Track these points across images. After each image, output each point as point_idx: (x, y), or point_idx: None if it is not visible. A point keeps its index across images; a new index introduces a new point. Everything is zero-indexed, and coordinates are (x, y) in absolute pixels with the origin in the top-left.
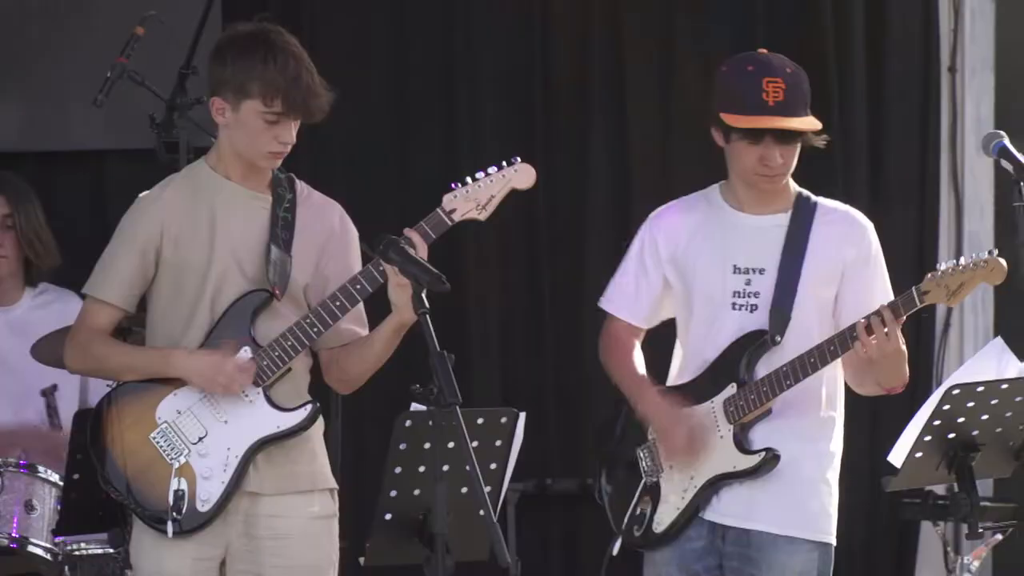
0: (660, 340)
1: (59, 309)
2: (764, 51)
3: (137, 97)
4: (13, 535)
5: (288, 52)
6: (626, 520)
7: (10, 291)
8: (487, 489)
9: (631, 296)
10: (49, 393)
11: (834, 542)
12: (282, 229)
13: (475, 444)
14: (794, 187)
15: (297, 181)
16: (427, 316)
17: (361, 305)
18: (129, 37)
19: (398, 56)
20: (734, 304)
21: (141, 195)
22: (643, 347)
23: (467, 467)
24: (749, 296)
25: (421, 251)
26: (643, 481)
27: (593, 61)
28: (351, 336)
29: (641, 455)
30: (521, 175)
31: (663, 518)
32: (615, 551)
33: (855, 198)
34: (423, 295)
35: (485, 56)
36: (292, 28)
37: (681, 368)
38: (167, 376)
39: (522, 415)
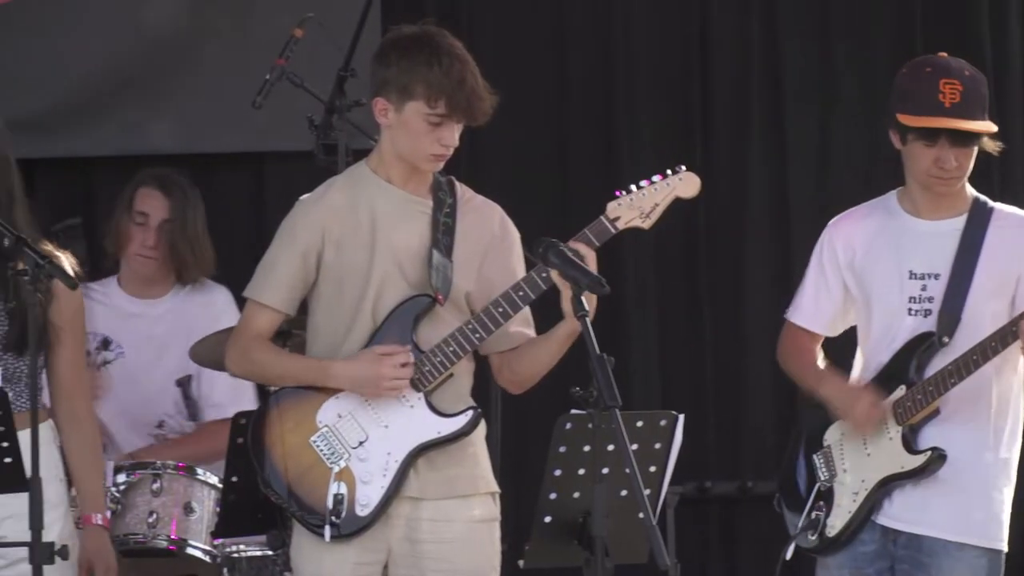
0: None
1: (204, 301)
2: (944, 55)
3: (296, 99)
4: (172, 537)
5: (453, 54)
6: (800, 525)
7: (156, 286)
8: (646, 492)
9: (811, 302)
10: (185, 383)
11: (1005, 548)
12: (443, 234)
13: (634, 447)
14: (971, 192)
15: (457, 184)
16: (587, 319)
17: (528, 309)
18: (288, 39)
19: (556, 60)
20: (910, 310)
21: (302, 198)
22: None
23: (626, 470)
24: (924, 301)
25: (590, 261)
26: (817, 486)
27: (752, 66)
28: (521, 339)
29: (816, 462)
30: (685, 184)
31: (836, 522)
32: (788, 556)
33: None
34: (583, 298)
35: (643, 61)
36: (451, 31)
37: (861, 374)
38: (326, 386)
39: (681, 418)
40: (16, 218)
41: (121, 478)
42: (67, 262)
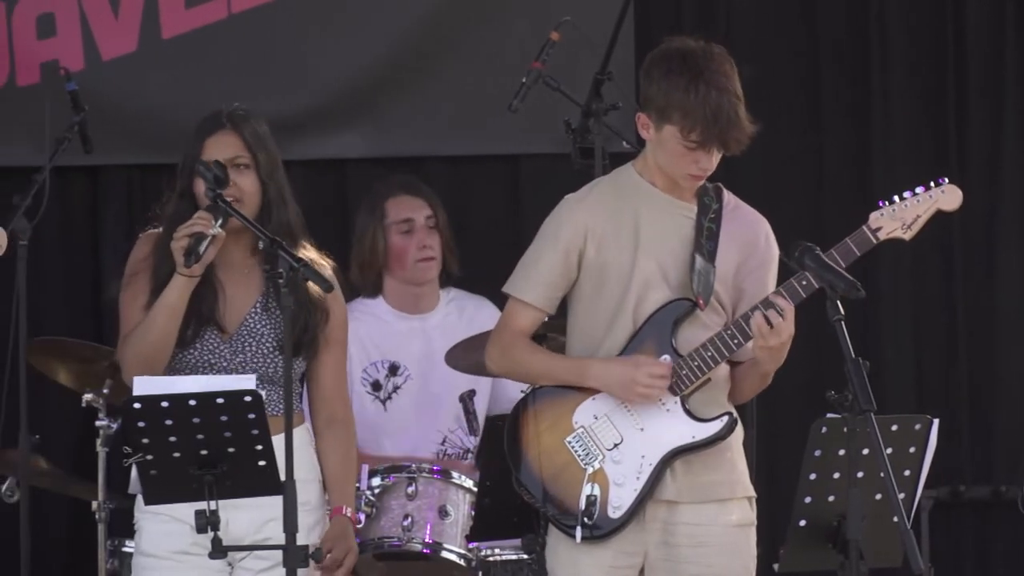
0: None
1: (471, 316)
2: None
3: (552, 102)
4: (427, 540)
5: (712, 82)
6: None
7: (430, 296)
8: (901, 495)
9: None
10: (467, 398)
11: None
12: (707, 239)
13: (889, 451)
14: None
15: (724, 191)
16: (842, 323)
17: None
18: (544, 43)
19: (811, 62)
20: None
21: (566, 197)
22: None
23: (881, 474)
24: None
25: (788, 315)
26: None
27: (1006, 72)
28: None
29: None
30: (948, 196)
31: None
32: None
33: None
34: (838, 302)
35: (898, 69)
36: (707, 33)
37: None
38: (584, 386)
39: (935, 422)
40: (288, 220)
41: (376, 481)
42: (327, 265)
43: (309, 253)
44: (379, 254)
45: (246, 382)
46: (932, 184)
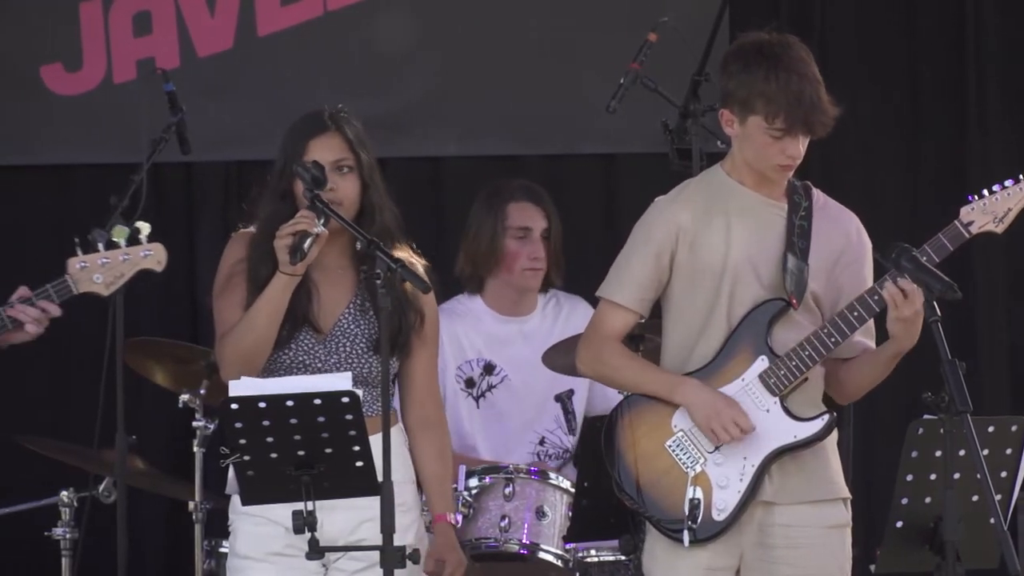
0: None
1: (566, 315)
2: None
3: (650, 103)
4: (524, 541)
5: (792, 68)
6: None
7: (529, 299)
8: (997, 497)
9: None
10: (566, 398)
11: None
12: (799, 237)
13: (985, 452)
14: None
15: (813, 189)
16: (938, 324)
17: (872, 319)
18: (642, 43)
19: (909, 62)
20: None
21: (657, 199)
22: None
23: (978, 475)
24: None
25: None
26: None
27: None
28: (861, 348)
29: None
30: None
31: None
32: None
33: None
34: (934, 303)
35: (993, 65)
36: (803, 34)
37: None
38: (671, 401)
39: None
40: (386, 220)
41: (473, 482)
42: (421, 267)
43: (404, 253)
44: (493, 254)
45: (341, 381)
46: (1022, 176)
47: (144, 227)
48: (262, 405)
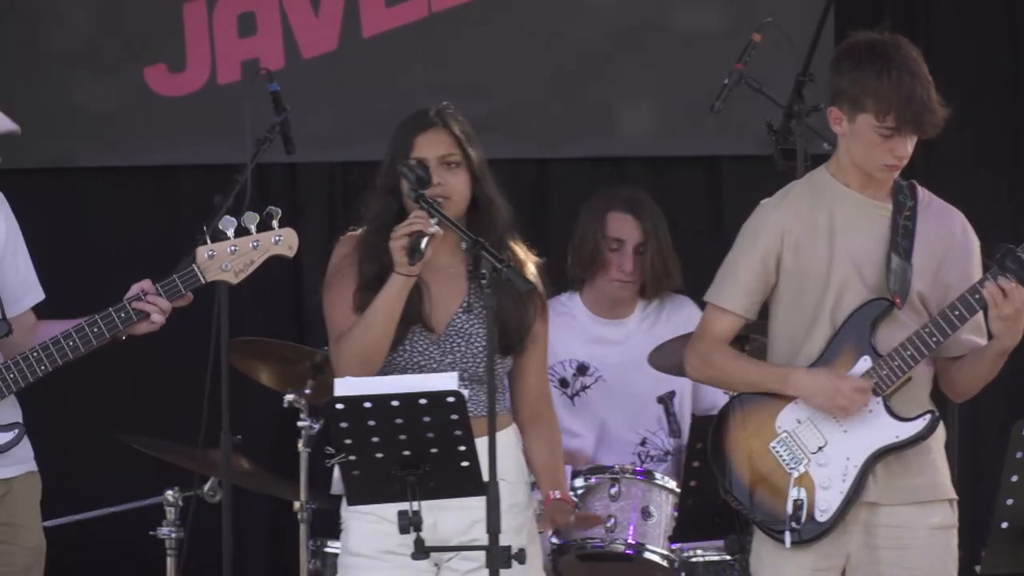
0: None
1: (668, 314)
2: None
3: (755, 104)
4: (630, 541)
5: (904, 67)
6: None
7: (627, 303)
8: None
9: None
10: (667, 400)
11: None
12: (902, 237)
13: None
14: None
15: (919, 188)
16: None
17: (980, 315)
18: (747, 44)
19: (1013, 62)
20: None
21: (762, 202)
22: None
23: None
24: None
25: None
26: None
27: None
28: (970, 346)
29: None
30: None
31: None
32: None
33: None
34: None
35: None
36: (908, 34)
37: None
38: (784, 394)
39: None
40: (497, 217)
41: (579, 483)
42: (532, 263)
43: (517, 250)
44: (592, 260)
45: (447, 380)
46: None
47: (276, 212)
48: (368, 405)
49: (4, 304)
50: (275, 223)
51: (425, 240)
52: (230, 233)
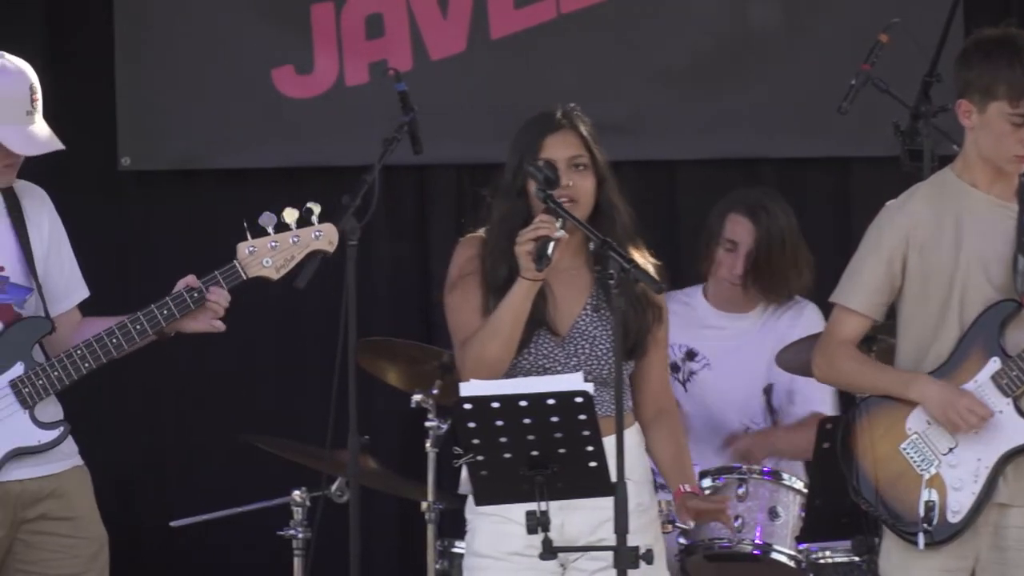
0: None
1: (790, 321)
2: None
3: (882, 105)
4: (757, 542)
5: None
6: None
7: (746, 300)
8: None
9: None
10: (769, 392)
11: None
12: None
13: None
14: None
15: None
16: None
17: None
18: (873, 44)
19: None
20: None
21: (888, 204)
22: None
23: None
24: None
25: None
26: None
27: None
28: None
29: None
30: None
31: None
32: None
33: None
34: None
35: None
36: None
37: None
38: (907, 399)
39: None
40: (621, 220)
41: (706, 483)
42: (652, 266)
43: (638, 253)
44: (708, 259)
45: (574, 381)
46: None
47: (315, 207)
48: (495, 405)
49: (49, 302)
50: (315, 219)
51: (552, 245)
52: (270, 229)
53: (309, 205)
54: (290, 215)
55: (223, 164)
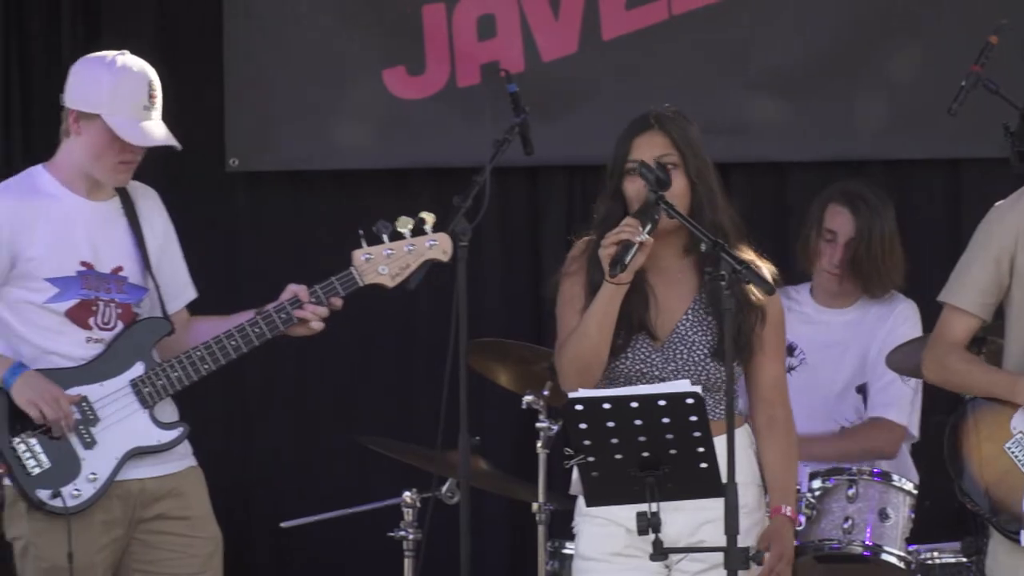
0: None
1: (883, 312)
2: None
3: (992, 106)
4: (867, 543)
5: None
6: None
7: (844, 297)
8: None
9: None
10: (865, 389)
11: None
12: None
13: None
14: None
15: None
16: None
17: None
18: (984, 46)
19: None
20: None
21: (997, 204)
22: None
23: None
24: None
25: None
26: None
27: None
28: None
29: None
30: None
31: None
32: None
33: None
34: None
35: None
36: None
37: None
38: (1013, 401)
39: None
40: (720, 221)
41: (816, 484)
42: (766, 268)
43: (747, 255)
44: (808, 251)
45: (681, 387)
46: None
47: (429, 217)
48: (606, 406)
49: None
50: (428, 228)
51: (632, 250)
52: (385, 237)
53: (422, 215)
54: (404, 224)
55: (331, 165)
